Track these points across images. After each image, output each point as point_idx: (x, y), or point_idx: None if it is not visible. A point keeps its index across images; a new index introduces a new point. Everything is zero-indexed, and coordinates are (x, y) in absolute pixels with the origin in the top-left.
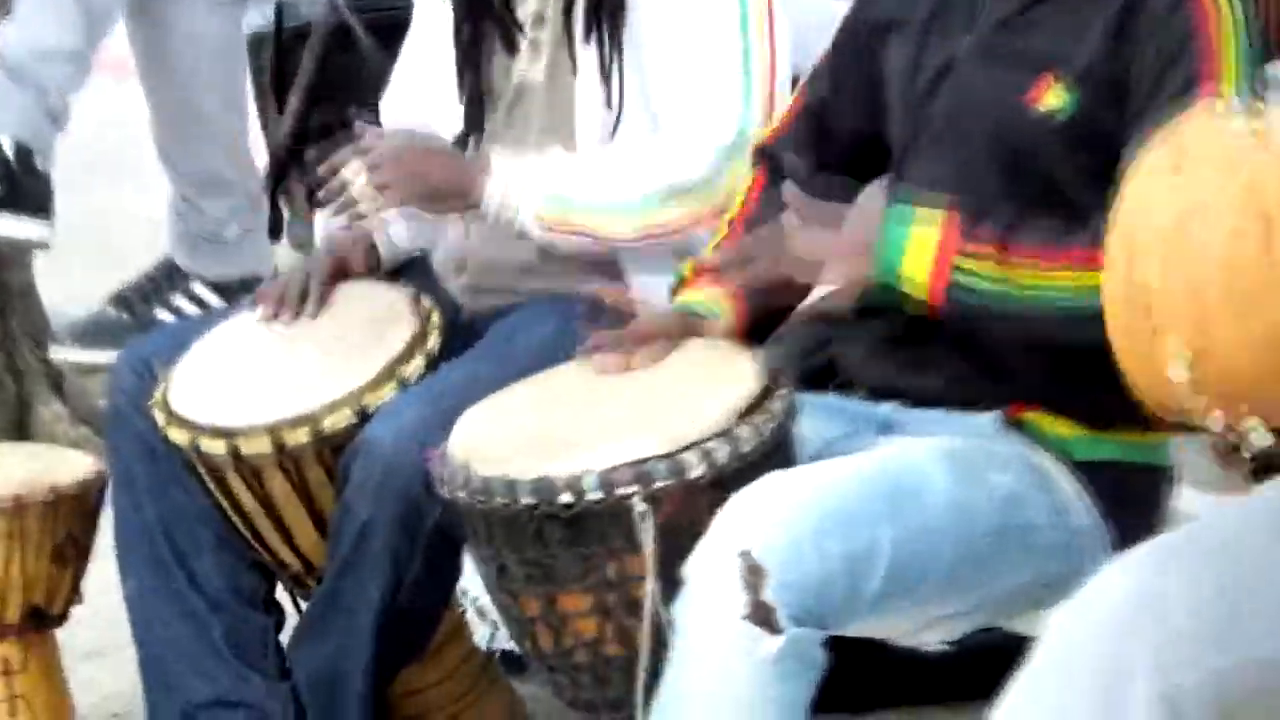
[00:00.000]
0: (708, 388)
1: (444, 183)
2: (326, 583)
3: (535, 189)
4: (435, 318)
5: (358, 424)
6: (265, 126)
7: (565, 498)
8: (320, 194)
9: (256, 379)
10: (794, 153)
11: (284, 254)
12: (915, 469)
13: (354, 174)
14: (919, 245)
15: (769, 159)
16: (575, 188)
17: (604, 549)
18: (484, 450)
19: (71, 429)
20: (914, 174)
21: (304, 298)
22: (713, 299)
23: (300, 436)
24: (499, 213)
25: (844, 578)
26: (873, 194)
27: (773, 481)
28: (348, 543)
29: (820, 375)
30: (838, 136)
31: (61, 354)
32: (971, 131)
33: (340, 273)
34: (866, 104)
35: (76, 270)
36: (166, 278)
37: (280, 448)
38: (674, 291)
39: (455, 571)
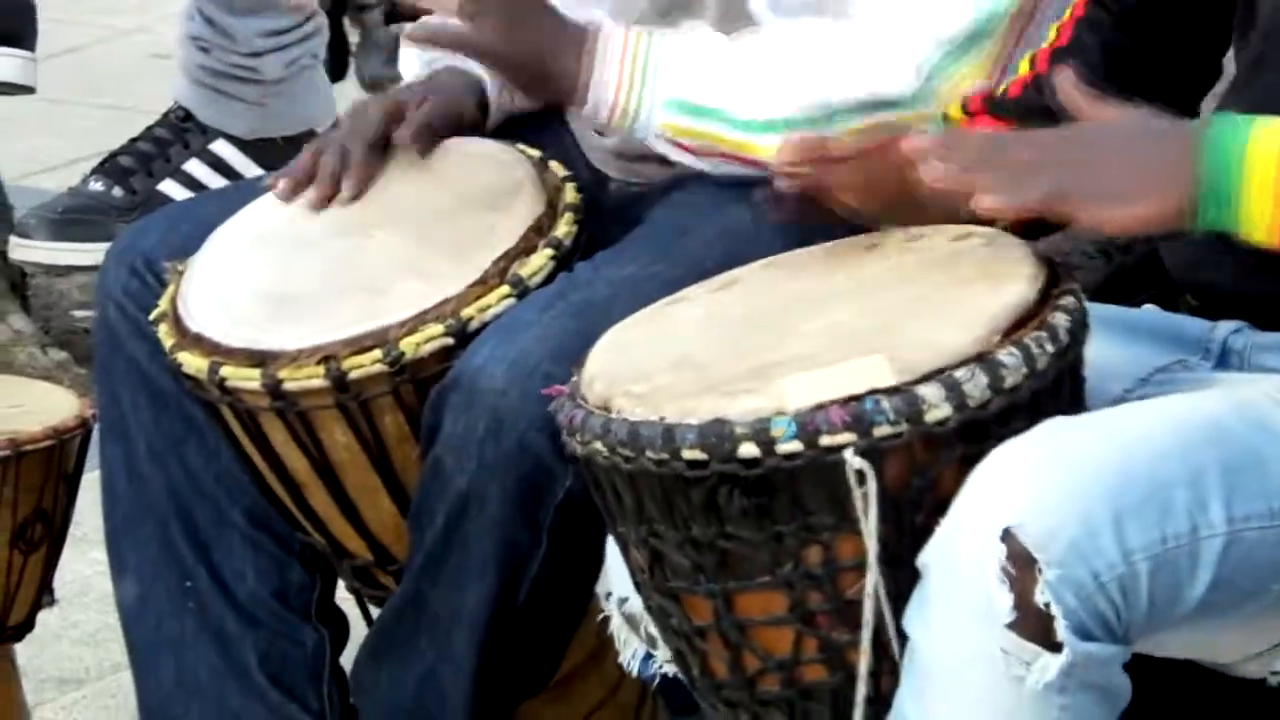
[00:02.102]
0: (956, 291)
1: (535, 63)
2: (407, 582)
3: (661, 87)
4: (569, 194)
5: (454, 348)
6: None
7: (748, 450)
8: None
9: (306, 281)
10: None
11: (351, 100)
12: (1261, 422)
13: None
14: (1258, 168)
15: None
16: (723, 92)
17: (803, 526)
18: (632, 383)
19: (40, 353)
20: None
21: (339, 174)
22: None
23: (369, 364)
24: (611, 118)
25: (1154, 574)
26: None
27: (1052, 432)
28: (439, 523)
29: (1131, 277)
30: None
31: (25, 250)
32: None
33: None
34: None
35: (49, 125)
36: (177, 135)
37: (340, 381)
38: None
39: (595, 565)
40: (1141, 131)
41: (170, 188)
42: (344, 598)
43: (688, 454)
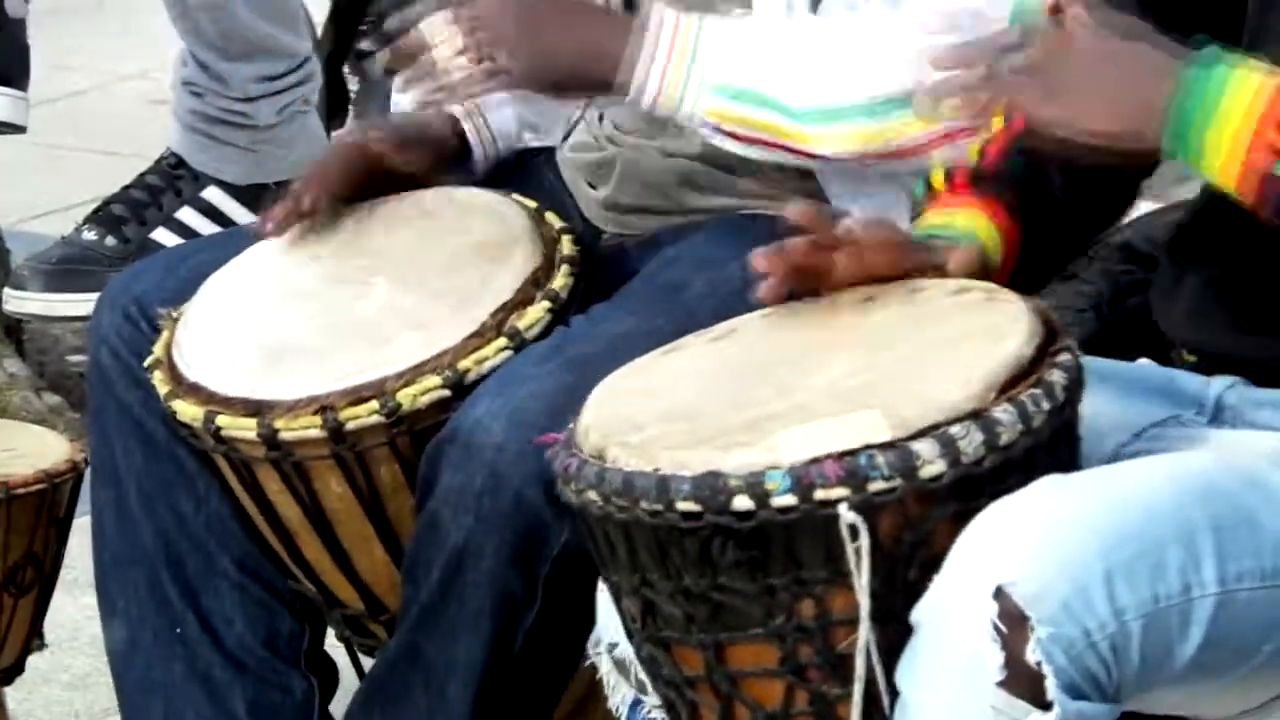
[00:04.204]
0: (953, 346)
1: (578, 54)
2: (401, 633)
3: (710, 71)
4: (566, 245)
5: (451, 399)
6: None
7: (742, 503)
8: (393, 65)
9: (303, 331)
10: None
11: None
12: (1255, 480)
13: (445, 41)
14: (1230, 110)
15: None
16: (770, 77)
17: (796, 579)
18: (627, 433)
19: (34, 397)
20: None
21: (309, 209)
22: (970, 219)
23: (365, 415)
24: (655, 102)
25: (1145, 633)
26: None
27: (1045, 489)
28: (434, 576)
29: (1124, 333)
30: None
31: (19, 302)
32: None
33: (367, 171)
34: None
35: (46, 170)
36: (169, 181)
37: (336, 431)
38: (913, 215)
39: (589, 616)
40: (1133, 53)
41: (163, 235)
42: (333, 645)
43: (682, 505)
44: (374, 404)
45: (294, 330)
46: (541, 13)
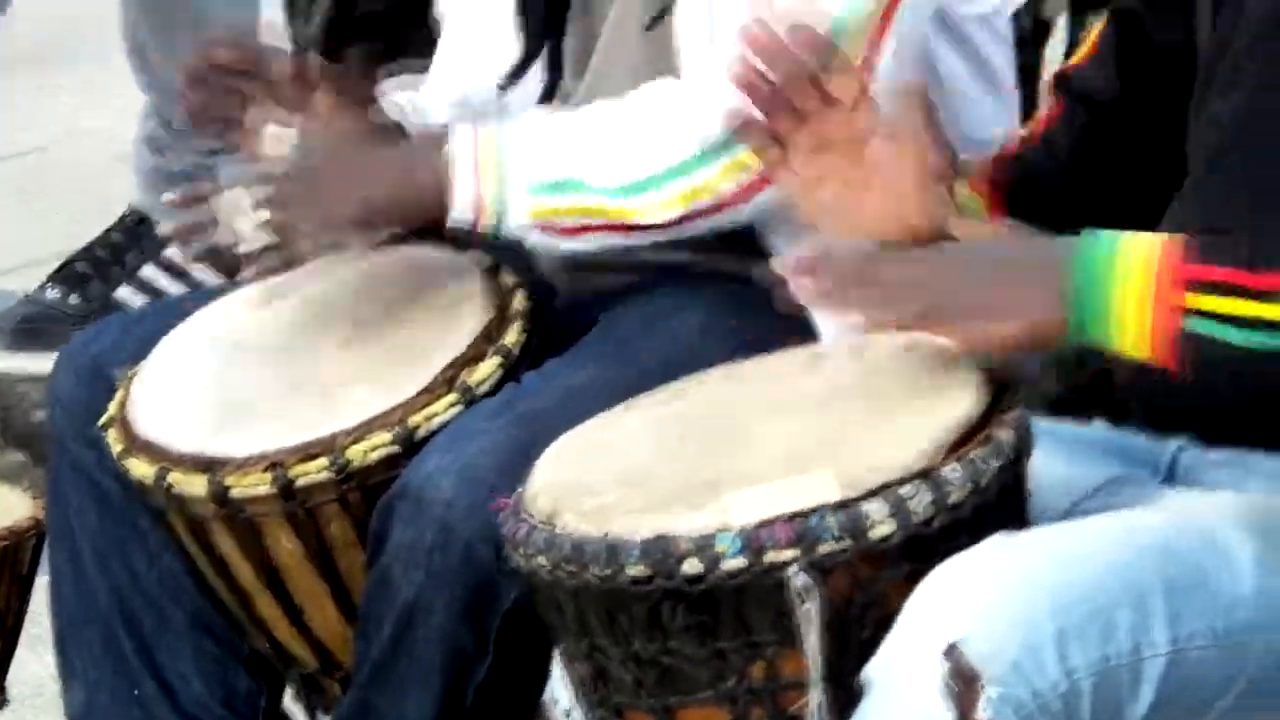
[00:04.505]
0: (902, 405)
1: (385, 198)
2: (354, 690)
3: (522, 174)
4: (519, 301)
5: (401, 456)
6: (291, 11)
7: (692, 566)
8: (177, 246)
9: (255, 387)
10: (1098, 76)
11: None
12: (1207, 540)
13: (240, 211)
14: (1127, 279)
15: (1068, 87)
16: (580, 162)
17: (747, 643)
18: (578, 497)
19: None
20: (1209, 112)
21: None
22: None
23: (316, 472)
24: (478, 221)
25: (1096, 693)
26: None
27: (996, 548)
28: (386, 632)
29: (1082, 392)
30: (1156, 60)
31: None
32: None
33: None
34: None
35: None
36: (132, 239)
37: (287, 488)
38: None
39: (542, 671)
40: (1011, 249)
41: (127, 294)
42: (292, 704)
43: (631, 570)
44: (324, 460)
45: (247, 387)
46: (333, 162)
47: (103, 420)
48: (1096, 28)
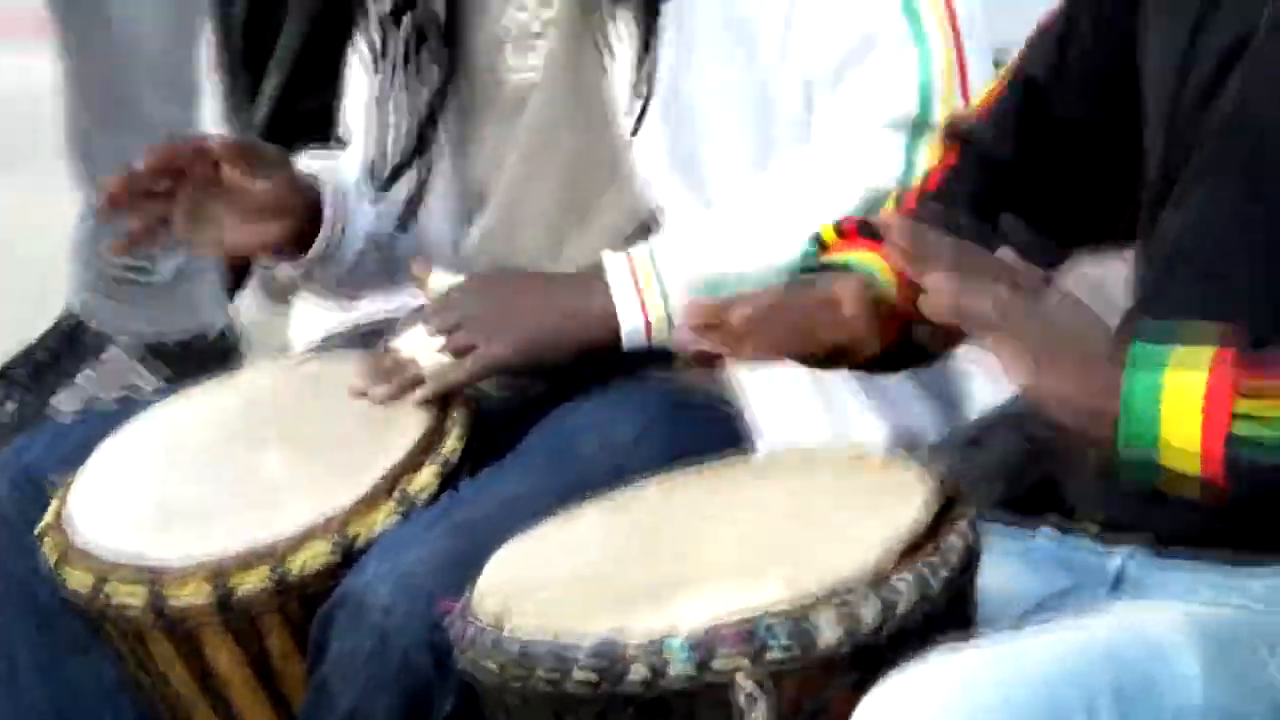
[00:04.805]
0: (851, 513)
1: (557, 326)
2: None
3: (679, 281)
4: (457, 409)
5: (340, 565)
6: (232, 111)
7: (640, 672)
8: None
9: (193, 495)
10: (995, 139)
11: (250, 304)
12: (1155, 651)
13: (420, 348)
14: (1179, 395)
15: (963, 140)
16: (735, 258)
17: None
18: (524, 600)
19: None
20: (1175, 219)
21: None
22: (864, 257)
23: (255, 581)
24: (648, 336)
25: None
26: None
27: (944, 660)
28: None
29: (1029, 500)
30: (1057, 131)
31: None
32: (1274, 146)
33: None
34: (1105, 100)
35: None
36: (67, 343)
37: (225, 599)
38: (804, 268)
39: None
40: (1077, 338)
41: (63, 399)
42: None
43: (579, 674)
44: (264, 569)
45: (185, 494)
46: (508, 290)
47: (39, 529)
48: (993, 86)
